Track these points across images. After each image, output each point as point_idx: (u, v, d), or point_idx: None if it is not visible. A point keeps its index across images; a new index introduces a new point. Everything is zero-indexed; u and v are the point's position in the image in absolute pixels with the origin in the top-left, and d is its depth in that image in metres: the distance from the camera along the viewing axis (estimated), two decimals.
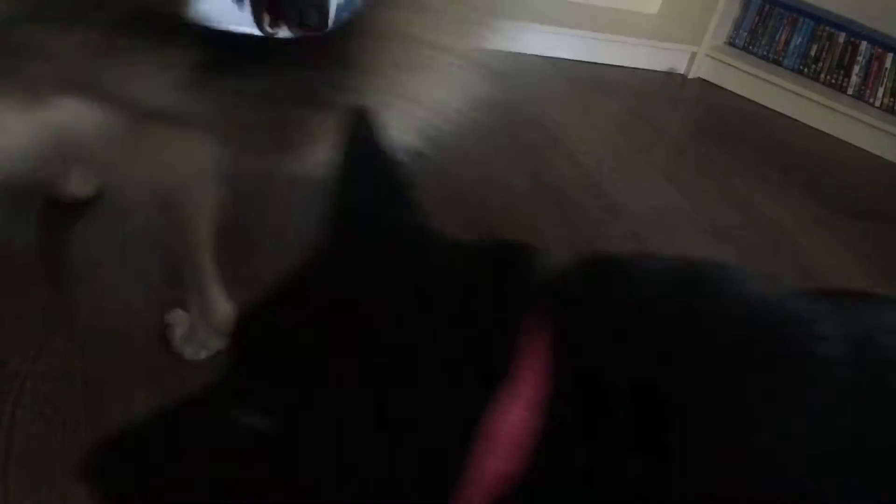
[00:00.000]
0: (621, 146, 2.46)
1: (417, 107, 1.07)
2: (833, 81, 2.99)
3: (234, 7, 1.25)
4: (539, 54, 2.92)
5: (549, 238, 1.88)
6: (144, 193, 1.11)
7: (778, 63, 3.08)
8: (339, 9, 1.37)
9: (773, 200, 2.32)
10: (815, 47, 3.02)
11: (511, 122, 2.40)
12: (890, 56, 2.89)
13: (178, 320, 1.34)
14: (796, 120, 2.93)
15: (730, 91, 3.06)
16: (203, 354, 1.30)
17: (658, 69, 3.11)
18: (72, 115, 0.95)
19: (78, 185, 1.58)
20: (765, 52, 3.11)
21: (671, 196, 2.23)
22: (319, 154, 1.03)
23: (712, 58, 3.11)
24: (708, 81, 3.11)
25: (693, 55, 3.10)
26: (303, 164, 1.06)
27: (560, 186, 2.12)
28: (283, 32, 1.31)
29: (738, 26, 3.14)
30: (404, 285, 0.56)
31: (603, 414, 0.51)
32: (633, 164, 2.37)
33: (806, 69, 3.04)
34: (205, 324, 1.28)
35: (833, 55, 2.99)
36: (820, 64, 3.02)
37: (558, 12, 2.99)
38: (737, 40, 3.16)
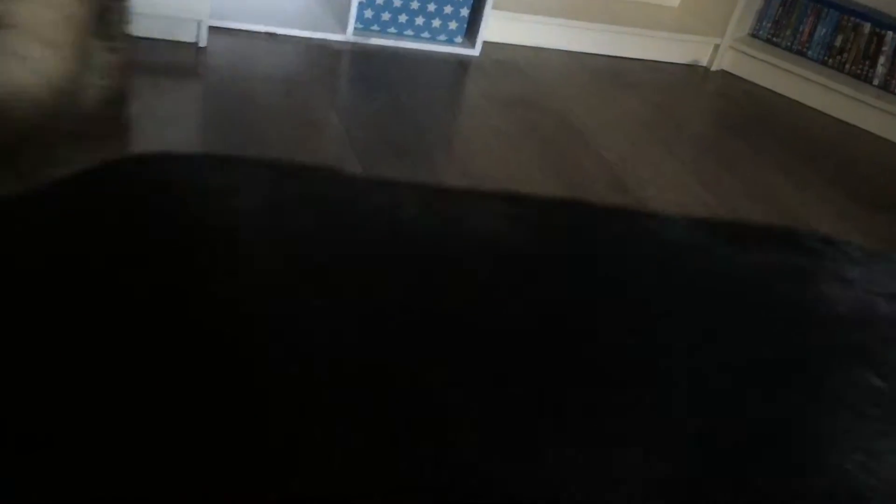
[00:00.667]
0: (644, 140, 2.46)
1: None
2: (858, 72, 2.97)
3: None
4: (561, 48, 2.92)
5: None
6: None
7: (802, 54, 3.06)
8: None
9: (798, 193, 2.31)
10: (839, 38, 3.00)
11: (533, 117, 2.40)
12: None
13: None
14: (821, 111, 2.91)
15: (753, 83, 3.04)
16: None
17: (681, 62, 3.09)
18: None
19: None
20: (789, 44, 3.08)
21: (696, 190, 2.22)
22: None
23: (735, 49, 3.09)
24: (731, 74, 3.09)
25: (716, 47, 3.08)
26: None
27: (583, 182, 2.13)
28: None
29: (761, 17, 3.12)
30: None
31: None
32: (656, 158, 2.37)
33: (830, 60, 3.02)
34: None
35: (858, 46, 2.96)
36: (845, 55, 2.99)
37: (579, 6, 2.98)
38: (760, 31, 3.13)
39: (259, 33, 2.44)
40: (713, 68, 3.10)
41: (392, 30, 2.61)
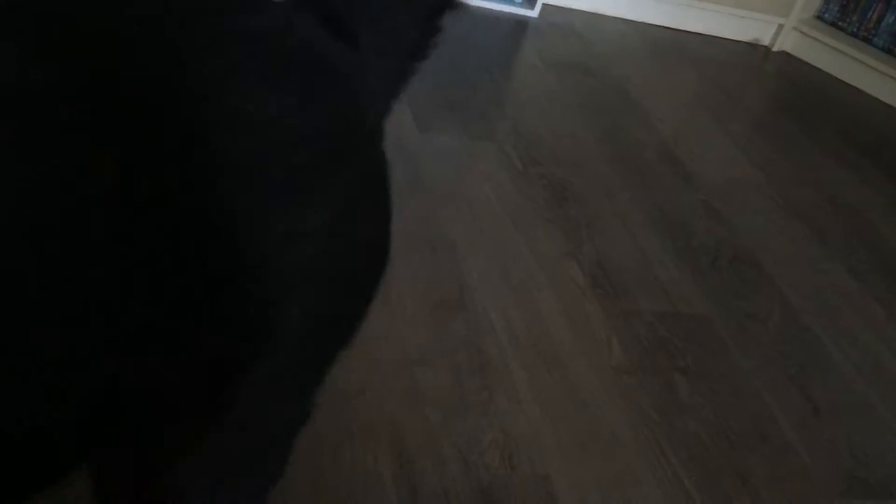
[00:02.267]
0: (698, 114, 2.43)
1: None
2: None
3: None
4: (620, 16, 2.87)
5: (620, 202, 1.88)
6: None
7: (867, 41, 2.98)
8: None
9: (851, 181, 2.27)
10: None
11: (588, 82, 2.38)
12: None
13: None
14: (882, 101, 2.84)
15: (815, 66, 2.98)
16: None
17: (742, 39, 3.03)
18: None
19: None
20: (854, 29, 3.00)
21: (745, 168, 2.19)
22: None
23: (799, 31, 3.02)
24: (792, 55, 3.03)
25: (780, 27, 3.02)
26: None
27: (634, 151, 2.11)
28: None
29: (828, 0, 3.04)
30: None
31: None
32: (708, 133, 2.34)
33: None
34: None
35: None
36: None
37: None
38: (826, 14, 3.06)
39: None
40: (774, 48, 3.04)
41: None
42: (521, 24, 2.62)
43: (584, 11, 2.83)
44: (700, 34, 2.96)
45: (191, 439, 0.57)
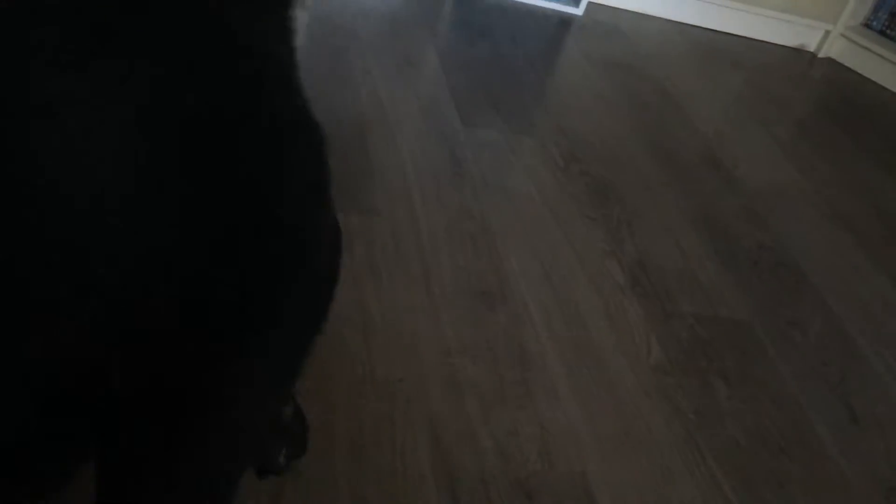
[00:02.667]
0: (742, 119, 2.40)
1: None
2: None
3: None
4: (665, 17, 2.86)
5: (661, 202, 1.87)
6: None
7: None
8: None
9: None
10: None
11: (631, 81, 2.36)
12: None
13: None
14: None
15: (861, 75, 2.94)
16: None
17: (788, 45, 3.00)
18: None
19: None
20: None
21: (790, 174, 2.17)
22: None
23: (846, 38, 2.98)
24: (838, 62, 2.99)
25: (826, 33, 2.98)
26: None
27: (676, 152, 2.09)
28: None
29: (877, 7, 3.00)
30: None
31: None
32: (752, 137, 2.32)
33: None
34: None
35: None
36: None
37: None
38: (875, 22, 3.01)
39: None
40: (820, 55, 3.00)
41: None
42: (565, 21, 2.61)
43: (629, 11, 2.81)
44: (745, 38, 2.94)
45: (183, 435, 0.57)
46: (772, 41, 2.98)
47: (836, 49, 3.00)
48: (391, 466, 1.11)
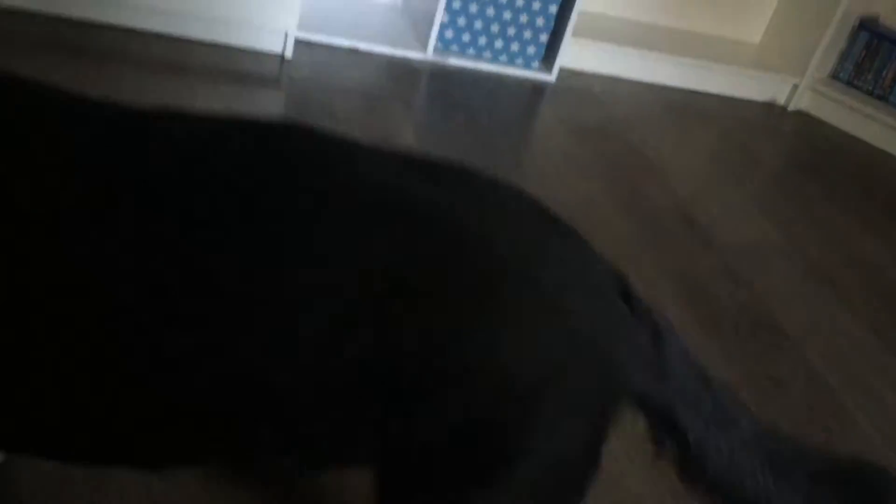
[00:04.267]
0: (716, 176, 2.45)
1: None
2: None
3: None
4: (637, 79, 2.92)
5: (639, 265, 1.89)
6: None
7: (884, 99, 3.00)
8: None
9: (875, 241, 2.27)
10: None
11: (605, 145, 2.41)
12: None
13: None
14: None
15: (832, 126, 3.00)
16: None
17: (758, 99, 3.07)
18: None
19: None
20: (870, 88, 3.03)
21: (766, 230, 2.20)
22: None
23: (815, 90, 3.05)
24: (809, 115, 3.05)
25: (795, 87, 3.05)
26: None
27: (651, 212, 2.13)
28: None
29: (843, 59, 3.08)
30: None
31: None
32: (727, 194, 2.35)
33: None
34: None
35: None
36: None
37: (658, 37, 2.98)
38: (841, 74, 3.09)
39: (342, 48, 2.50)
40: (791, 108, 3.07)
41: (471, 51, 2.66)
42: (539, 88, 2.67)
43: (601, 74, 2.88)
44: (717, 95, 3.00)
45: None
46: (742, 97, 3.05)
47: (805, 102, 3.07)
48: None
